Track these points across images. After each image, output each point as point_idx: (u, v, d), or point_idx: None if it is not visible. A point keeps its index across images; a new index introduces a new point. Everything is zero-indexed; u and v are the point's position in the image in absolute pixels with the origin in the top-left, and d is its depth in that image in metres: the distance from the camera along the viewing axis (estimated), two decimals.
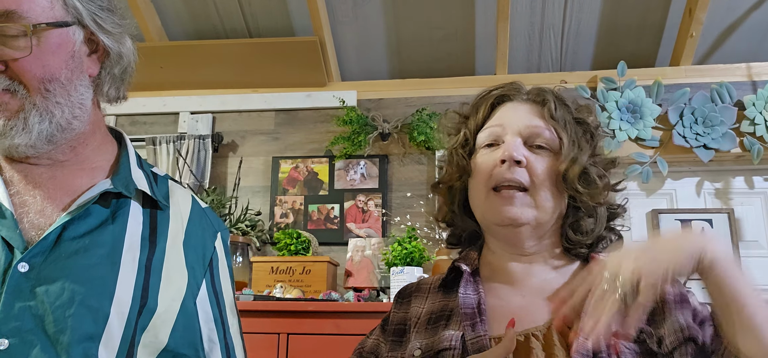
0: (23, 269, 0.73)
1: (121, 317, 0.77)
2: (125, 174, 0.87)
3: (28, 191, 0.80)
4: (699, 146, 2.58)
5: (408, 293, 1.00)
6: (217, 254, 0.94)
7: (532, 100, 0.95)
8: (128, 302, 0.78)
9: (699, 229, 0.78)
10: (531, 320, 0.83)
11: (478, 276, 0.93)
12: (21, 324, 0.71)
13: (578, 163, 0.87)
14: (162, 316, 0.81)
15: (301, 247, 2.49)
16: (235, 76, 2.95)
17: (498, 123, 0.92)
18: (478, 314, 0.85)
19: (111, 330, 0.75)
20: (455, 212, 0.98)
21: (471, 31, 2.82)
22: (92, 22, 0.83)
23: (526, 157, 0.87)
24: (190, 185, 2.77)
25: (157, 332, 0.80)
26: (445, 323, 0.88)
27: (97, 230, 0.80)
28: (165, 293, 0.82)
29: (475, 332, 0.83)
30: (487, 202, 0.89)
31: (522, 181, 0.86)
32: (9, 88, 0.77)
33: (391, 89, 2.93)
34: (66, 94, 0.81)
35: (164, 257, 0.84)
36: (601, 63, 2.86)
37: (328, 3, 2.75)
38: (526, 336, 0.81)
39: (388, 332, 0.96)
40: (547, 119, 0.91)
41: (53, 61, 0.79)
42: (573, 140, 0.90)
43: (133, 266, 0.80)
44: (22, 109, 0.77)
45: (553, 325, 0.80)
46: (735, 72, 2.72)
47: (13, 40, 0.76)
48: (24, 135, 0.78)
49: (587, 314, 0.71)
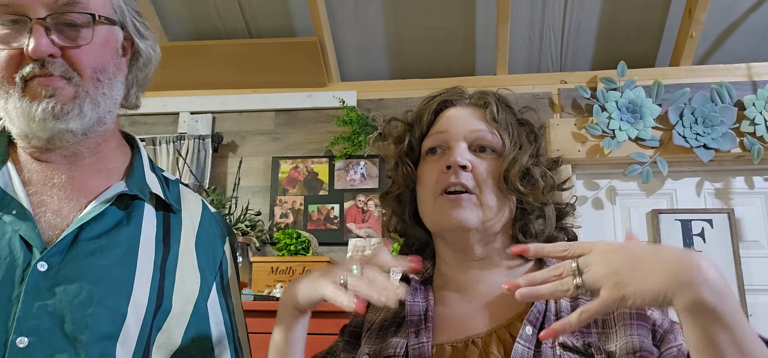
0: (42, 269, 0.74)
1: (138, 317, 0.78)
2: (139, 177, 0.88)
3: (45, 191, 0.81)
4: (699, 146, 2.58)
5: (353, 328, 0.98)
6: (226, 258, 0.96)
7: (474, 104, 0.95)
8: (145, 302, 0.79)
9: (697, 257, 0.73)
10: (473, 327, 0.83)
11: (430, 285, 0.93)
12: (40, 323, 0.72)
13: (519, 164, 0.87)
14: (176, 317, 0.82)
15: (301, 247, 2.49)
16: (235, 76, 2.95)
17: (442, 129, 0.93)
18: (423, 321, 0.85)
19: (128, 330, 0.76)
20: (406, 221, 0.98)
21: (471, 31, 2.82)
22: (132, 25, 0.87)
23: (471, 161, 0.87)
24: (190, 185, 2.77)
25: (171, 333, 0.82)
26: (394, 330, 0.88)
27: (113, 230, 0.81)
28: (179, 295, 0.84)
29: (418, 339, 0.83)
30: (436, 207, 0.88)
31: (467, 184, 0.86)
32: (65, 74, 0.79)
33: (391, 89, 2.93)
34: (109, 88, 0.84)
35: (178, 260, 0.86)
36: (601, 63, 2.86)
37: (328, 3, 2.75)
38: (465, 343, 0.81)
39: (347, 333, 0.96)
40: (490, 122, 0.91)
41: (104, 53, 0.83)
42: (514, 141, 0.90)
43: (148, 267, 0.82)
44: (77, 96, 0.80)
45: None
46: (735, 72, 2.72)
47: (75, 29, 0.79)
48: (78, 120, 0.80)
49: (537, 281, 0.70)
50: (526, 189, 0.87)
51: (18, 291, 0.72)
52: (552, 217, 0.91)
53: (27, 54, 0.77)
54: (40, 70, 0.77)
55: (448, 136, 0.91)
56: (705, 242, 2.63)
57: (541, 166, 0.91)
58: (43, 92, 0.78)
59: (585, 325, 0.74)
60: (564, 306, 0.81)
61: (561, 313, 0.80)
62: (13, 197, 0.78)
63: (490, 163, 0.88)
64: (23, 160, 0.84)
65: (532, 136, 0.94)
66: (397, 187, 0.97)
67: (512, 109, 0.95)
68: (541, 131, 0.96)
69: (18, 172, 0.81)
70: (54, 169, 0.83)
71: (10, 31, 0.78)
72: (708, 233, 2.64)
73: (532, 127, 0.95)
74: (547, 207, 0.90)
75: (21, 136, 0.82)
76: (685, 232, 2.66)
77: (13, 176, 0.80)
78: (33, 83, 0.78)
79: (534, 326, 0.78)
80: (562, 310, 0.81)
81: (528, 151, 0.90)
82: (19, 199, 0.78)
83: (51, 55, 0.77)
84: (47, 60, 0.77)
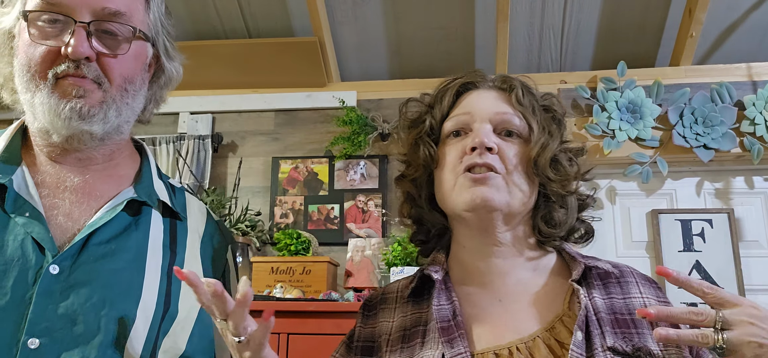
0: (54, 272, 0.74)
1: (146, 321, 0.79)
2: (148, 184, 0.90)
3: (57, 194, 0.82)
4: (699, 146, 2.58)
5: (374, 305, 0.93)
6: (229, 266, 0.98)
7: (498, 87, 0.91)
8: (153, 306, 0.80)
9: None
10: (512, 331, 0.79)
11: (449, 281, 0.87)
12: (51, 325, 0.73)
13: (549, 150, 0.85)
14: (182, 322, 0.84)
15: (301, 247, 2.49)
16: (234, 76, 2.95)
17: (465, 110, 0.88)
18: (455, 327, 0.79)
19: (136, 333, 0.77)
20: (422, 205, 0.93)
21: (471, 31, 2.81)
22: (162, 45, 0.91)
23: (497, 144, 0.83)
24: (190, 185, 2.77)
25: (176, 338, 0.83)
26: (421, 342, 0.81)
27: (122, 235, 0.82)
28: (185, 301, 0.85)
29: (454, 349, 0.76)
30: (457, 186, 0.83)
31: (495, 166, 0.82)
32: (97, 79, 0.81)
33: (391, 89, 2.93)
34: (133, 100, 0.87)
35: (184, 266, 0.87)
36: (601, 63, 2.86)
37: (328, 3, 2.75)
38: (509, 350, 0.76)
39: (355, 350, 0.89)
40: (515, 105, 0.87)
41: (135, 66, 0.86)
42: (542, 127, 0.87)
43: (156, 272, 0.83)
44: (104, 102, 0.82)
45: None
46: (735, 72, 2.72)
47: (114, 38, 0.82)
48: (100, 125, 0.82)
49: (673, 317, 0.66)
50: (555, 176, 0.85)
51: (30, 293, 0.73)
52: (574, 207, 0.89)
53: (64, 53, 0.79)
54: (75, 71, 0.79)
55: (471, 118, 0.87)
56: (705, 242, 2.63)
57: (569, 154, 0.89)
58: (73, 92, 0.80)
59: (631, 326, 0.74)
60: (600, 305, 0.79)
61: (599, 313, 0.77)
62: (26, 199, 0.79)
63: (517, 148, 0.85)
64: (38, 162, 0.85)
65: (557, 122, 0.91)
66: (414, 169, 0.93)
67: (535, 95, 0.92)
68: (564, 119, 0.94)
69: (32, 175, 0.82)
70: (67, 172, 0.84)
71: (52, 28, 0.80)
72: (708, 233, 2.64)
73: (555, 114, 0.92)
74: (570, 197, 0.88)
75: (41, 131, 0.83)
76: (685, 232, 2.66)
77: (28, 178, 0.81)
78: (64, 82, 0.80)
79: (582, 330, 0.75)
80: (599, 310, 0.78)
81: (557, 138, 0.88)
82: (33, 201, 0.79)
83: (87, 59, 0.79)
84: (83, 62, 0.79)
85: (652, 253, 2.69)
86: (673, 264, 2.61)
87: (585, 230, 0.92)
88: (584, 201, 0.92)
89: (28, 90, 0.81)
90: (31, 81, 0.80)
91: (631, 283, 0.84)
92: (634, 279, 0.85)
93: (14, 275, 0.73)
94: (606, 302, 0.79)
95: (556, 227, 0.87)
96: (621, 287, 0.83)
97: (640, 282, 0.85)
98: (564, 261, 0.88)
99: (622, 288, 0.83)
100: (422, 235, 0.96)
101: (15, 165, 0.82)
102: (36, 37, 0.80)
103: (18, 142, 0.85)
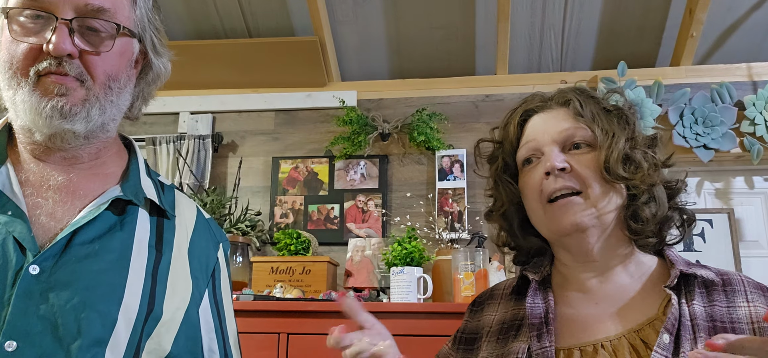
0: (34, 272, 0.73)
1: (128, 322, 0.77)
2: (135, 182, 0.88)
3: (41, 193, 0.81)
4: (699, 146, 2.58)
5: (481, 302, 1.00)
6: (219, 264, 0.96)
7: (556, 104, 0.94)
8: (135, 308, 0.78)
9: None
10: (601, 330, 0.82)
11: (549, 285, 0.92)
12: (30, 327, 0.71)
13: (616, 150, 0.86)
14: (167, 324, 0.82)
15: (301, 247, 2.49)
16: (235, 76, 2.95)
17: (531, 138, 0.92)
18: (545, 324, 0.84)
19: (118, 335, 0.76)
20: (516, 234, 0.98)
21: (471, 31, 2.81)
22: (150, 41, 0.89)
23: (568, 161, 0.87)
24: (190, 185, 2.77)
25: (160, 339, 0.81)
26: (514, 334, 0.87)
27: (106, 235, 0.80)
28: (170, 302, 0.83)
29: (540, 343, 0.81)
30: (547, 216, 0.88)
31: (572, 186, 0.85)
32: (80, 76, 0.80)
33: (391, 89, 2.93)
34: (118, 97, 0.85)
35: (170, 266, 0.85)
36: (601, 63, 2.86)
37: (328, 3, 2.75)
38: (594, 347, 0.79)
39: (459, 341, 0.96)
40: (576, 117, 0.90)
41: (119, 63, 0.84)
42: (605, 130, 0.88)
43: (140, 272, 0.81)
44: (87, 100, 0.81)
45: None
46: (735, 72, 2.72)
47: (97, 35, 0.81)
48: (83, 123, 0.81)
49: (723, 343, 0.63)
50: (631, 174, 0.85)
51: (9, 294, 0.71)
52: (663, 197, 0.89)
53: (46, 50, 0.77)
54: (57, 68, 0.78)
55: (537, 144, 0.91)
56: (705, 242, 2.63)
57: (640, 147, 0.89)
58: (55, 90, 0.78)
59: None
60: (698, 312, 0.79)
61: (696, 319, 0.77)
62: (9, 197, 0.77)
63: (587, 158, 0.87)
64: (22, 160, 0.83)
65: (624, 119, 0.91)
66: (500, 204, 0.97)
67: (596, 99, 0.94)
68: (632, 112, 0.94)
69: (16, 173, 0.81)
70: (51, 170, 0.83)
71: (33, 25, 0.79)
72: (708, 233, 2.64)
73: (621, 112, 0.92)
74: (656, 188, 0.88)
75: (24, 129, 0.82)
76: None
77: (12, 176, 0.80)
78: (46, 79, 0.78)
79: (671, 334, 0.76)
80: (696, 316, 0.78)
81: (623, 136, 0.88)
82: (16, 200, 0.77)
83: (69, 56, 0.78)
84: (65, 60, 0.78)
85: None
86: None
87: (684, 217, 0.93)
88: (673, 188, 0.92)
89: (9, 87, 0.80)
90: (13, 78, 0.79)
91: (738, 292, 0.83)
92: (742, 288, 0.84)
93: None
94: (706, 310, 0.80)
95: (646, 223, 0.87)
96: (726, 295, 0.82)
97: (749, 290, 0.83)
98: (665, 266, 0.89)
99: (727, 296, 0.82)
100: (523, 257, 1.01)
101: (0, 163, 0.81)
102: (17, 34, 0.79)
103: (3, 140, 0.84)
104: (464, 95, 2.85)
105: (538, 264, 0.96)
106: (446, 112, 2.82)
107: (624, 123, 0.91)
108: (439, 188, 2.70)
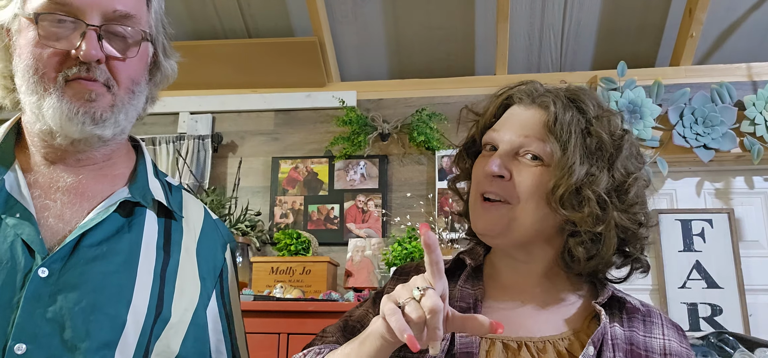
0: (43, 275, 0.73)
1: (137, 324, 0.77)
2: (143, 183, 0.88)
3: (49, 195, 0.81)
4: (699, 146, 2.58)
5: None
6: (226, 265, 0.96)
7: (537, 104, 0.86)
8: (144, 310, 0.78)
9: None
10: (525, 329, 0.81)
11: (481, 273, 0.91)
12: (39, 329, 0.71)
13: (568, 180, 0.78)
14: (175, 326, 0.82)
15: (301, 247, 2.49)
16: (234, 76, 2.95)
17: (498, 127, 0.87)
18: (472, 311, 0.82)
19: (127, 338, 0.76)
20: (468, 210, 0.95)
21: (471, 31, 2.81)
22: (161, 44, 0.90)
23: (510, 169, 0.82)
24: (190, 185, 2.77)
25: (169, 341, 0.81)
26: None
27: (114, 237, 0.80)
28: (178, 303, 0.83)
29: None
30: (472, 210, 0.87)
31: (503, 195, 0.81)
32: (107, 82, 0.80)
33: (390, 89, 2.93)
34: (138, 100, 0.86)
35: (178, 267, 0.85)
36: (601, 63, 2.86)
37: (328, 3, 2.75)
38: (518, 344, 0.79)
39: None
40: (545, 128, 0.82)
41: (140, 67, 0.85)
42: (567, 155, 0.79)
43: (148, 274, 0.81)
44: (114, 105, 0.81)
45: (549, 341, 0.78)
46: (735, 72, 2.72)
47: (123, 41, 0.81)
48: (111, 128, 0.81)
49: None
50: (570, 211, 0.79)
51: (18, 296, 0.71)
52: (612, 240, 0.81)
53: (75, 56, 0.77)
54: (86, 74, 0.78)
55: (498, 137, 0.85)
56: (705, 242, 2.63)
57: (601, 187, 0.79)
58: (85, 95, 0.78)
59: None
60: (619, 334, 0.79)
61: (616, 340, 0.78)
62: (17, 199, 0.77)
63: (534, 172, 0.81)
64: (33, 162, 0.83)
65: (603, 152, 0.81)
66: (455, 178, 0.97)
67: (586, 114, 0.83)
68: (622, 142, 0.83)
69: (25, 175, 0.81)
70: (61, 172, 0.83)
71: (60, 30, 0.78)
72: (708, 233, 2.64)
73: (602, 143, 0.81)
74: (606, 231, 0.80)
75: (45, 133, 0.81)
76: (685, 232, 2.66)
77: (20, 179, 0.80)
78: (75, 85, 0.78)
79: (595, 347, 0.76)
80: (617, 337, 0.78)
81: (585, 169, 0.79)
82: (24, 202, 0.77)
83: (97, 62, 0.78)
84: (93, 65, 0.78)
85: (652, 253, 2.69)
86: (673, 264, 2.61)
87: (630, 267, 0.86)
88: (631, 233, 0.83)
89: (34, 93, 0.79)
90: (39, 83, 0.78)
91: (656, 324, 0.84)
92: (660, 321, 0.85)
93: (2, 277, 0.72)
94: (625, 333, 0.80)
95: (576, 263, 0.82)
96: (644, 325, 0.83)
97: (666, 325, 0.84)
98: (595, 286, 0.88)
99: (645, 326, 0.83)
100: (471, 232, 0.96)
101: (7, 165, 0.80)
102: (44, 38, 0.78)
103: (11, 141, 0.84)
104: (464, 95, 2.85)
105: (473, 250, 0.94)
106: (446, 112, 2.82)
107: (600, 155, 0.81)
108: (439, 188, 2.70)
